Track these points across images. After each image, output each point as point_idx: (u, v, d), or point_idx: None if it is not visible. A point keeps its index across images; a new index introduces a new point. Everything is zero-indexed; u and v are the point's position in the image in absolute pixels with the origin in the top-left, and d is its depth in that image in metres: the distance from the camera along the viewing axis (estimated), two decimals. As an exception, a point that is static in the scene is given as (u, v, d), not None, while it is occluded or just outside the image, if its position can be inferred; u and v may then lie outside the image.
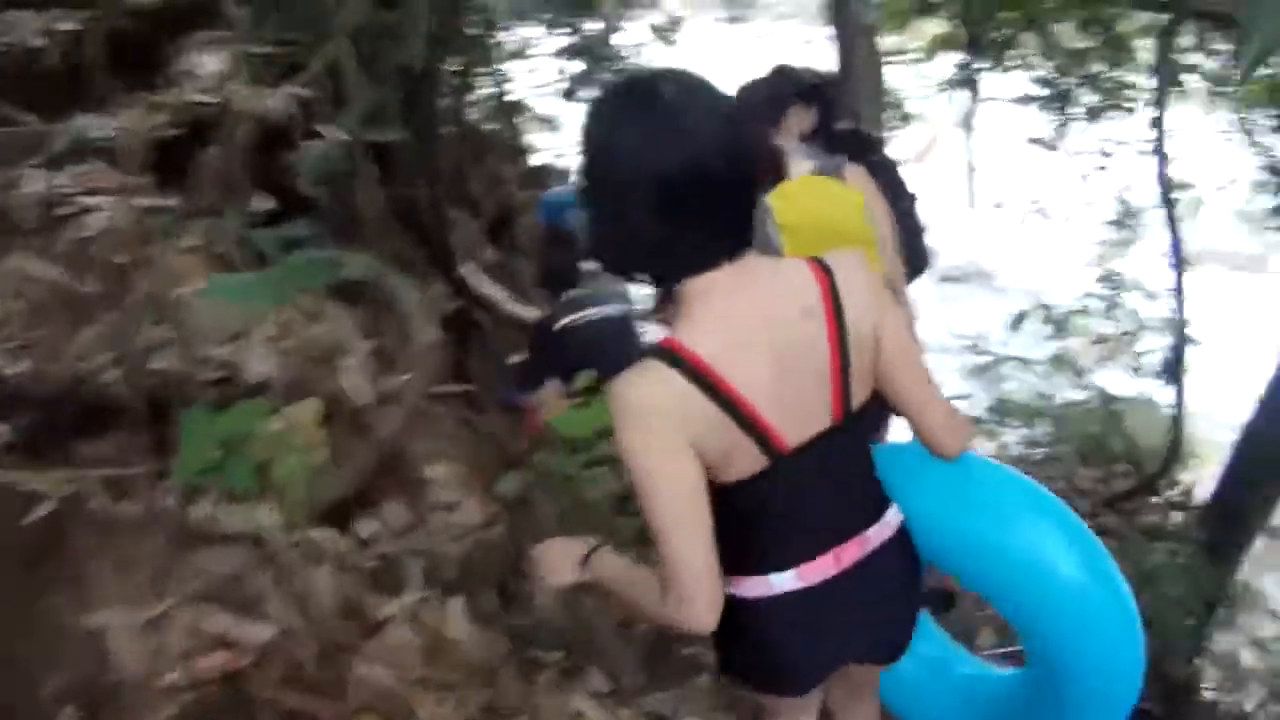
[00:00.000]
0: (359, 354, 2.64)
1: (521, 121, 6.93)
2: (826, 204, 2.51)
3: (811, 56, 5.03)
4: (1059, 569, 1.45)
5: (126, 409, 2.18)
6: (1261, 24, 1.21)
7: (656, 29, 8.60)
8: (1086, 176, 7.21)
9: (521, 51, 7.48)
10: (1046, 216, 8.06)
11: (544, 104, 7.50)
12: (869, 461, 1.48)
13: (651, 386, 1.23)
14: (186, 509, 2.03)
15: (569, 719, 2.19)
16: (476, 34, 5.67)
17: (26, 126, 2.80)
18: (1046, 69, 7.04)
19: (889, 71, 6.83)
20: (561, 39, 7.64)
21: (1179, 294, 5.35)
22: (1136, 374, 6.10)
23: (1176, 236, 5.33)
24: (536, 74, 7.56)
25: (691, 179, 1.20)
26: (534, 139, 7.18)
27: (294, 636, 1.96)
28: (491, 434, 3.57)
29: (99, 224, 2.36)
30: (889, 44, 7.25)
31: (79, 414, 2.14)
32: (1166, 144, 5.27)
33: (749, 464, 1.31)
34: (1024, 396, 6.44)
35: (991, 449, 5.93)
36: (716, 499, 1.28)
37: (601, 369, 2.82)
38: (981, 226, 9.65)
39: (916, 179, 3.31)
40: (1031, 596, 1.49)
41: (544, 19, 7.51)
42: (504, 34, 6.93)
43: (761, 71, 2.92)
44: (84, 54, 3.06)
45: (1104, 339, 6.41)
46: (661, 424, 1.22)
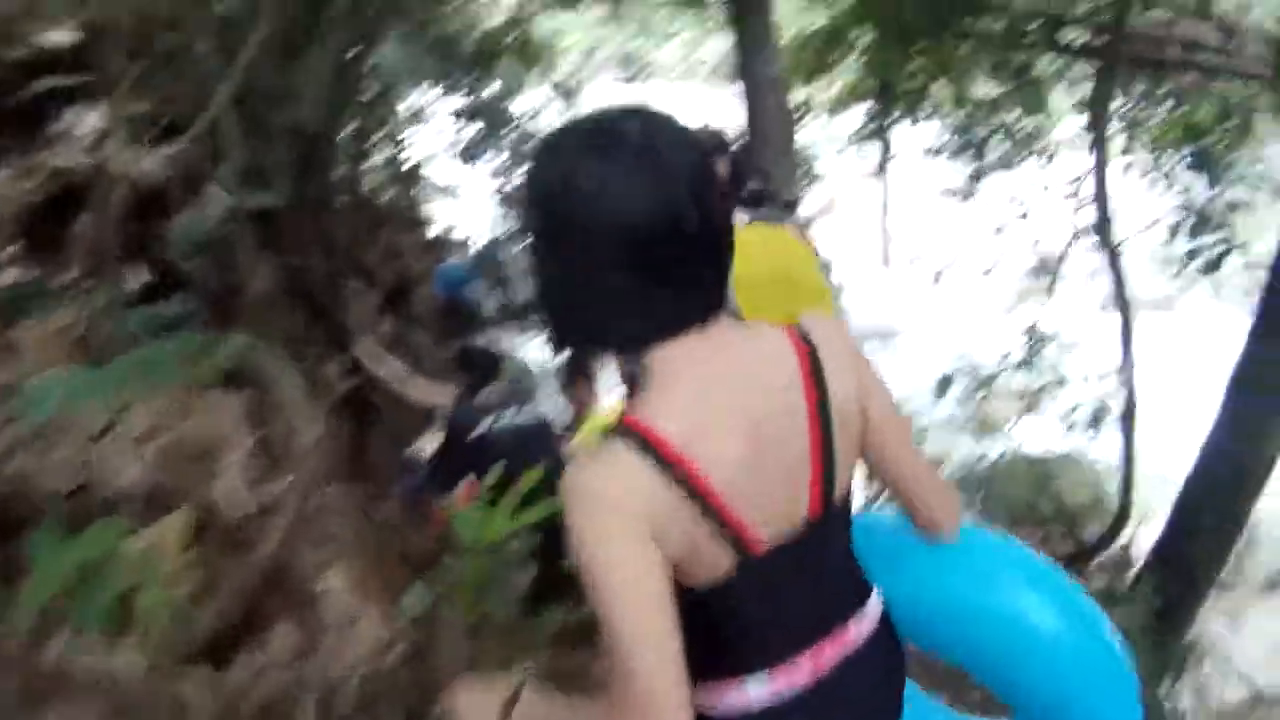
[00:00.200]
0: (239, 451, 2.34)
1: (418, 190, 6.69)
2: (780, 255, 2.41)
3: (716, 115, 4.96)
4: (1072, 638, 1.38)
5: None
6: None
7: (558, 86, 8.57)
8: (1001, 229, 7.25)
9: (419, 114, 7.31)
10: (962, 270, 8.09)
11: (442, 171, 7.30)
12: (849, 549, 1.34)
13: (610, 469, 1.08)
14: (33, 652, 1.71)
15: None
16: (374, 95, 5.46)
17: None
18: (957, 118, 7.13)
19: (799, 128, 6.84)
20: (459, 100, 7.51)
21: (1126, 342, 5.35)
22: (1069, 430, 6.09)
23: (1121, 282, 5.36)
24: (434, 138, 7.39)
25: (665, 228, 1.06)
26: (431, 207, 6.94)
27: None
28: (394, 527, 3.27)
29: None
30: (798, 97, 7.27)
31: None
32: (1084, 188, 5.32)
33: (716, 565, 1.16)
34: (952, 462, 6.42)
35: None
36: (678, 605, 1.12)
37: (519, 473, 2.57)
38: (896, 284, 9.64)
39: (827, 238, 3.22)
40: (1039, 666, 1.40)
41: (442, 82, 7.38)
42: (401, 98, 6.75)
43: None
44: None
45: (1024, 394, 6.43)
46: (622, 513, 1.07)
